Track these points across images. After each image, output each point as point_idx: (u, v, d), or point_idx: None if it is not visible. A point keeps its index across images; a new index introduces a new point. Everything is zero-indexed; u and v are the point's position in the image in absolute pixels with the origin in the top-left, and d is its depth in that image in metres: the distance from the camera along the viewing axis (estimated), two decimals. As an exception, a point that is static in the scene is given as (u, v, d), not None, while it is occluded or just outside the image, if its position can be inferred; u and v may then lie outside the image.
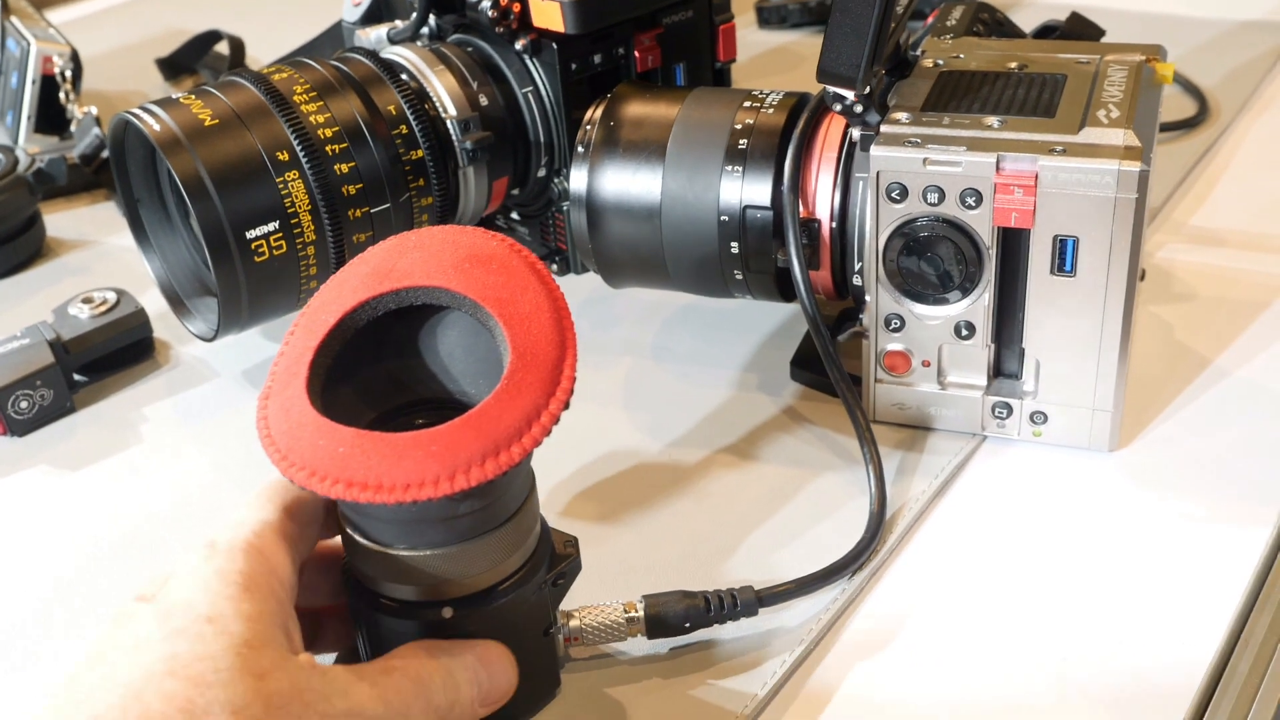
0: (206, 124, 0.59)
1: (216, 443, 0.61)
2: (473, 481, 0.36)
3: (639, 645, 0.47)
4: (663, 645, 0.47)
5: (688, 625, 0.46)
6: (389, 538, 0.39)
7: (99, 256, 0.77)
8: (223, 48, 0.99)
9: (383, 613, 0.41)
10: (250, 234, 0.59)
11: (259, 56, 0.98)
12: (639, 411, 0.60)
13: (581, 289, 0.70)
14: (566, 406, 0.38)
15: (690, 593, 0.47)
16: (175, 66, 1.01)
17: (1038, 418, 0.55)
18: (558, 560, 0.43)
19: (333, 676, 0.37)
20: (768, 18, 1.05)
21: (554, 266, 0.71)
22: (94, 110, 0.87)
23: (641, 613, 0.46)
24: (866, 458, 0.54)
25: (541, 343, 0.39)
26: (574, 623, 0.45)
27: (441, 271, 0.41)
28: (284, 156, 0.60)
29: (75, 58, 0.90)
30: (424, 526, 0.39)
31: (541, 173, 0.68)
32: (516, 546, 0.41)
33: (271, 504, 0.40)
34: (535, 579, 0.42)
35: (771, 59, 0.99)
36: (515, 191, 0.69)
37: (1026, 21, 0.77)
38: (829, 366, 0.55)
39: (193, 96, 0.61)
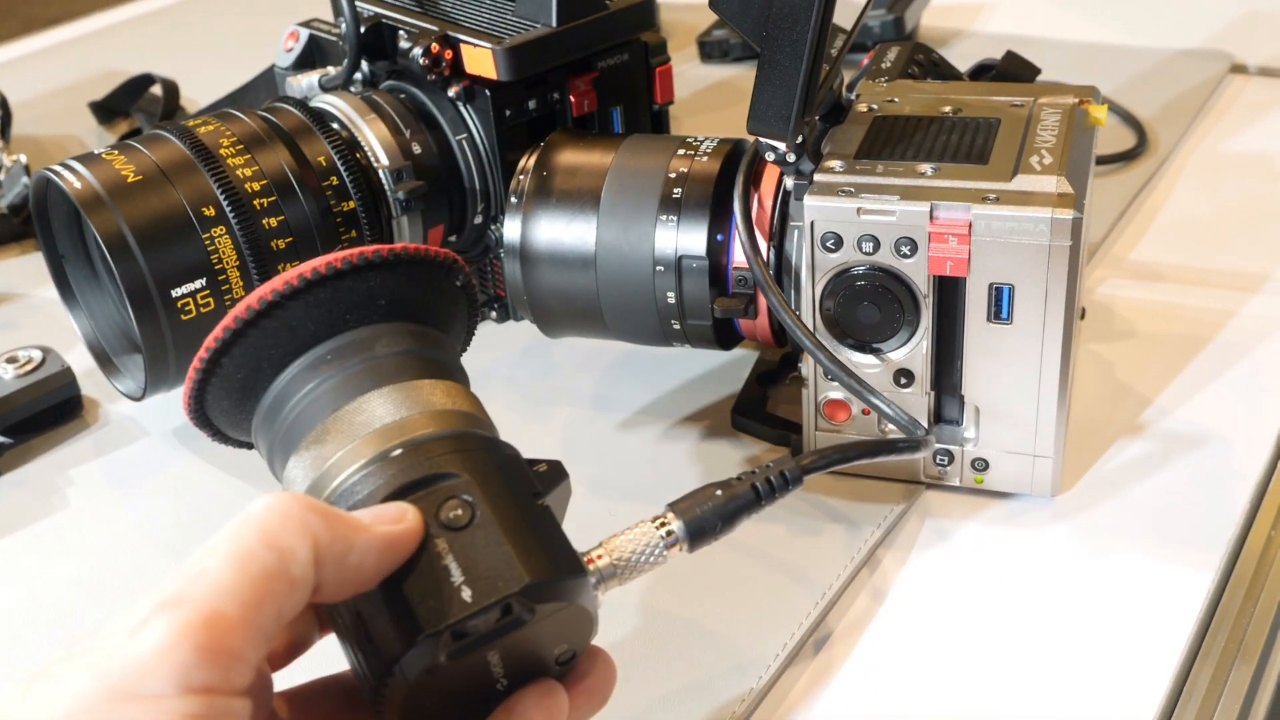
0: (129, 180, 0.58)
1: (145, 505, 0.59)
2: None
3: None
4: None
5: (731, 522, 0.40)
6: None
7: (26, 310, 0.76)
8: (157, 90, 0.98)
9: None
10: (176, 292, 0.57)
11: (194, 98, 0.97)
12: (580, 464, 0.59)
13: (519, 337, 0.69)
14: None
15: (724, 483, 0.40)
16: (109, 110, 0.99)
17: (979, 464, 0.55)
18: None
19: None
20: (710, 52, 1.05)
21: (492, 314, 0.70)
22: (23, 159, 0.85)
23: (678, 524, 0.39)
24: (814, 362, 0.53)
25: None
26: (603, 560, 0.38)
27: None
28: (210, 212, 0.58)
29: (4, 104, 0.88)
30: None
31: (478, 219, 0.67)
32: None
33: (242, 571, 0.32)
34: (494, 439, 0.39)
35: (713, 94, 0.99)
36: (452, 238, 0.68)
37: (964, 54, 0.77)
38: (782, 312, 0.52)
39: (115, 152, 0.59)
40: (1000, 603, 0.50)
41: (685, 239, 0.56)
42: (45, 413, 0.64)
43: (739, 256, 0.56)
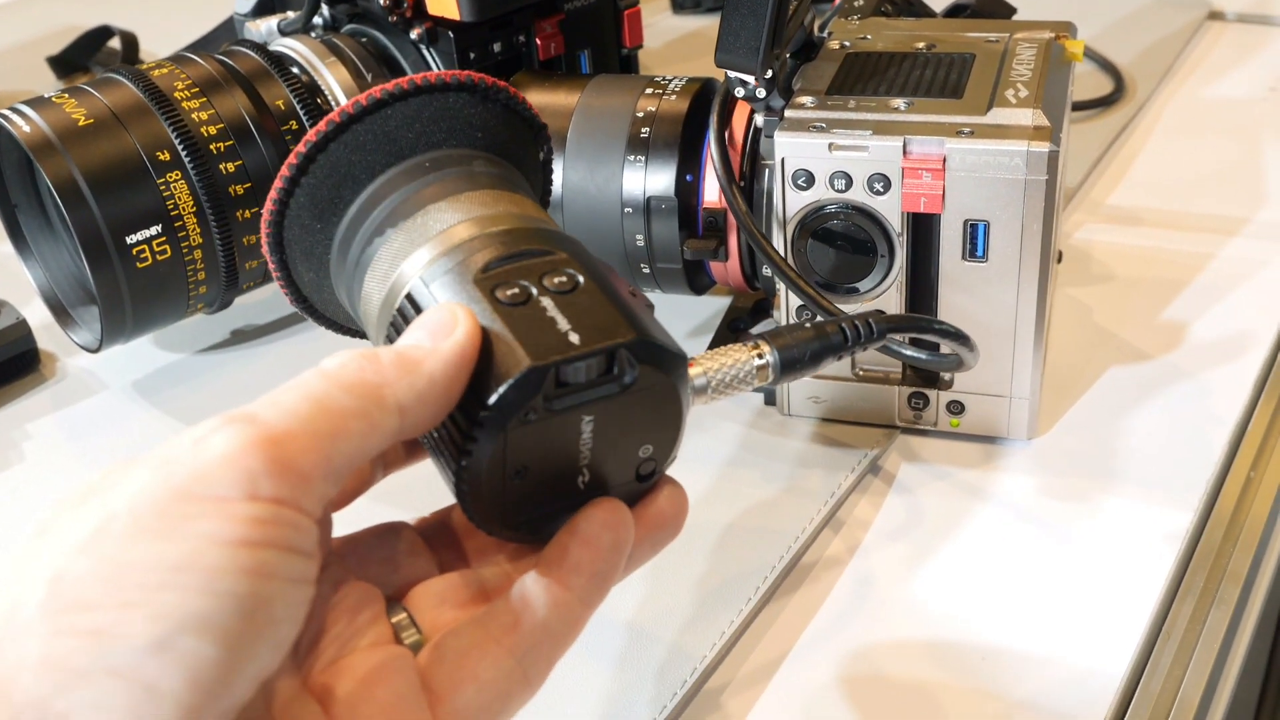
0: (81, 124, 0.56)
1: (104, 460, 0.58)
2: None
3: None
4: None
5: (818, 360, 0.39)
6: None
7: (-18, 265, 0.74)
8: (115, 44, 0.96)
9: None
10: (131, 239, 0.56)
11: (154, 50, 0.95)
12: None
13: (488, 286, 0.68)
14: None
15: (816, 323, 0.40)
16: (67, 64, 0.97)
17: (954, 407, 0.54)
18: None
19: None
20: (681, 2, 1.03)
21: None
22: (-22, 111, 0.83)
23: (771, 353, 0.38)
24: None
25: None
26: (695, 369, 0.36)
27: None
28: (165, 156, 0.57)
29: (-42, 57, 0.86)
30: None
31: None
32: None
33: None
34: None
35: (685, 44, 0.97)
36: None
37: (937, 1, 0.76)
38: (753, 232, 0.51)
39: (66, 95, 0.58)
40: (977, 545, 0.49)
41: (654, 180, 0.55)
42: (0, 366, 0.62)
43: (709, 197, 0.55)
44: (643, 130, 0.56)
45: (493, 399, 0.30)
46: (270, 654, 0.27)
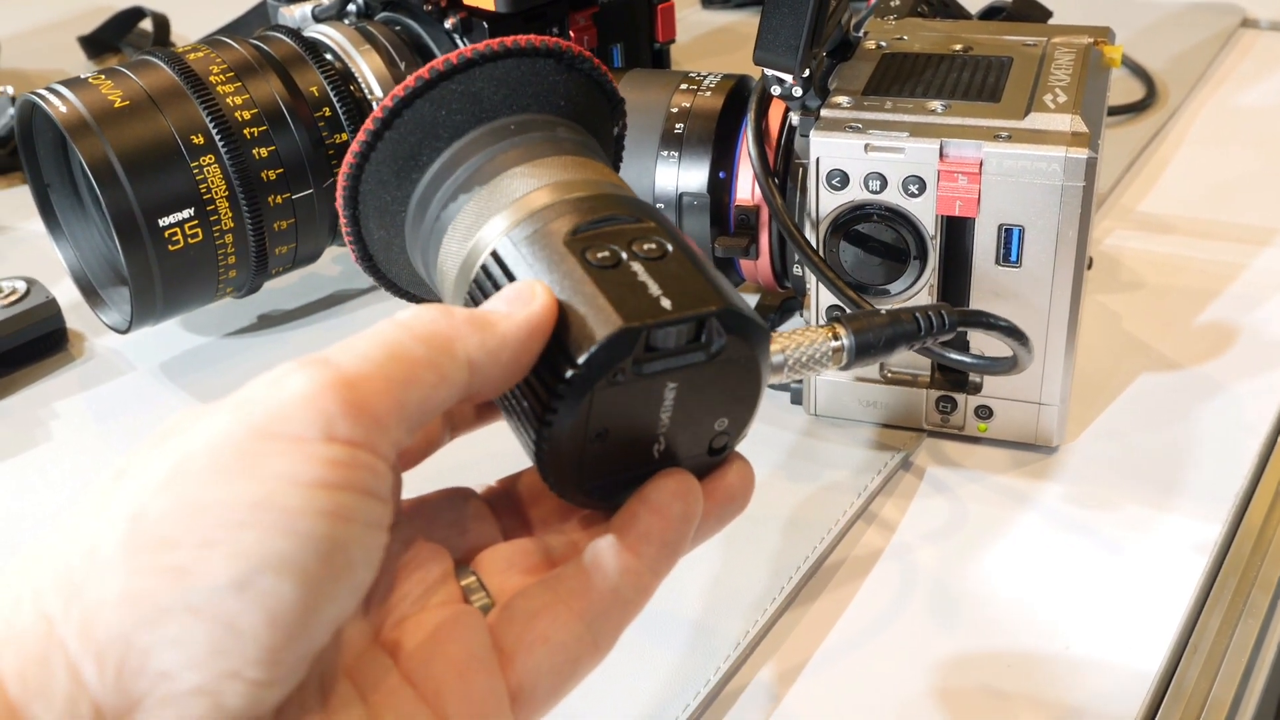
0: (117, 106, 0.56)
1: (130, 440, 0.58)
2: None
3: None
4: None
5: (891, 347, 0.39)
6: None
7: (12, 243, 0.74)
8: (147, 25, 0.96)
9: None
10: (164, 221, 0.56)
11: (184, 33, 0.95)
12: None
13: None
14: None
15: (891, 311, 0.39)
16: (98, 44, 0.97)
17: (983, 412, 0.54)
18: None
19: None
20: (712, -3, 1.03)
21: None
22: (10, 90, 0.83)
23: (848, 337, 0.38)
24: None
25: None
26: (774, 345, 0.36)
27: None
28: (199, 140, 0.57)
29: (-9, 35, 0.86)
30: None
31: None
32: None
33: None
34: None
35: (715, 39, 0.97)
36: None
37: (972, 2, 0.75)
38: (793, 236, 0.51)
39: (103, 77, 0.58)
40: (1002, 552, 0.49)
41: (686, 176, 0.55)
42: (29, 345, 0.63)
43: (742, 194, 0.55)
44: (677, 126, 0.55)
45: (583, 358, 0.30)
46: (347, 598, 0.27)
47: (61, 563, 0.26)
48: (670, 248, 0.33)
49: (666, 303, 0.31)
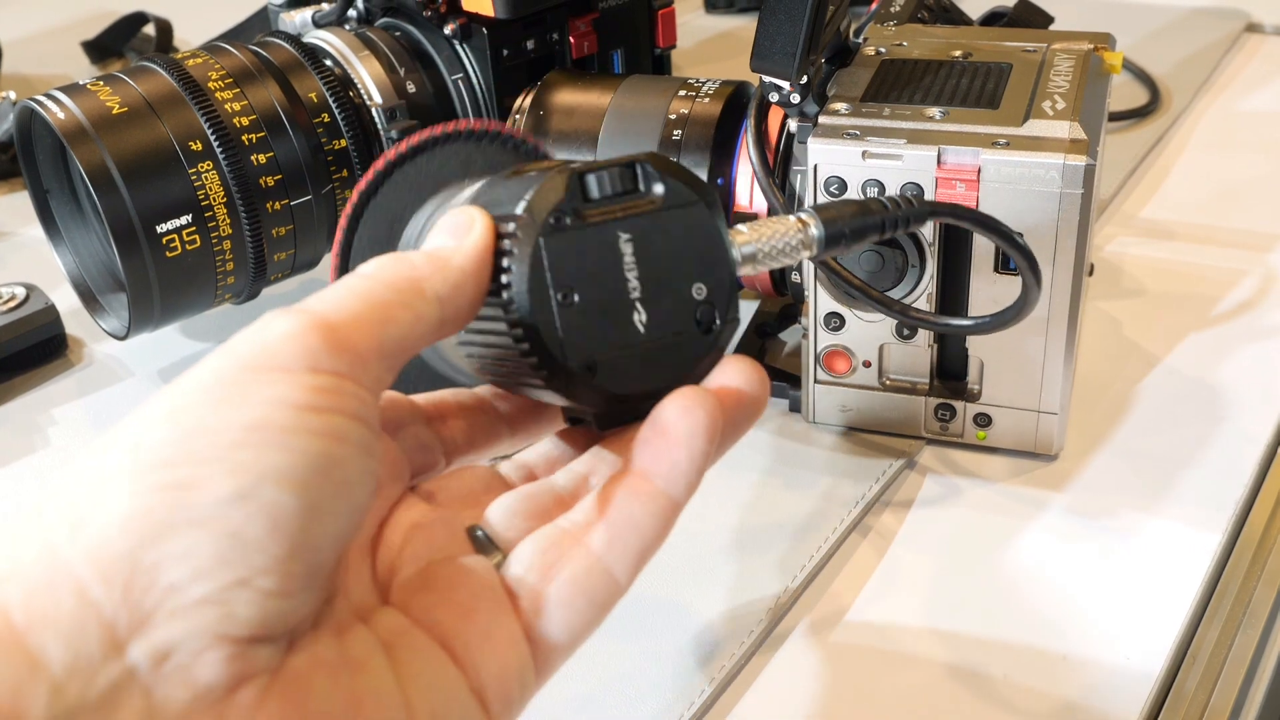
0: (115, 112, 0.56)
1: (128, 447, 0.58)
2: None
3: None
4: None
5: (860, 237, 0.37)
6: None
7: (13, 249, 0.74)
8: (150, 30, 0.96)
9: None
10: (161, 228, 0.56)
11: (187, 39, 0.95)
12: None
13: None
14: None
15: (860, 200, 0.38)
16: (102, 49, 0.97)
17: (981, 420, 0.53)
18: None
19: None
20: (715, 2, 1.03)
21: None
22: (12, 95, 0.84)
23: (816, 225, 0.36)
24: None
25: None
26: (742, 237, 0.35)
27: None
28: (197, 146, 0.57)
29: (-7, 40, 0.86)
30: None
31: (473, 163, 0.66)
32: None
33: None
34: None
35: (717, 45, 0.97)
36: (446, 182, 0.67)
37: (974, 7, 0.75)
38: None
39: (101, 83, 0.58)
40: (1001, 562, 0.49)
41: (685, 183, 0.55)
42: (28, 351, 0.63)
43: (739, 201, 0.55)
44: (675, 132, 0.55)
45: (521, 205, 0.31)
46: (347, 516, 0.28)
47: (65, 499, 0.27)
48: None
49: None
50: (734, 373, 0.33)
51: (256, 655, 0.27)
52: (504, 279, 0.31)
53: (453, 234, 0.32)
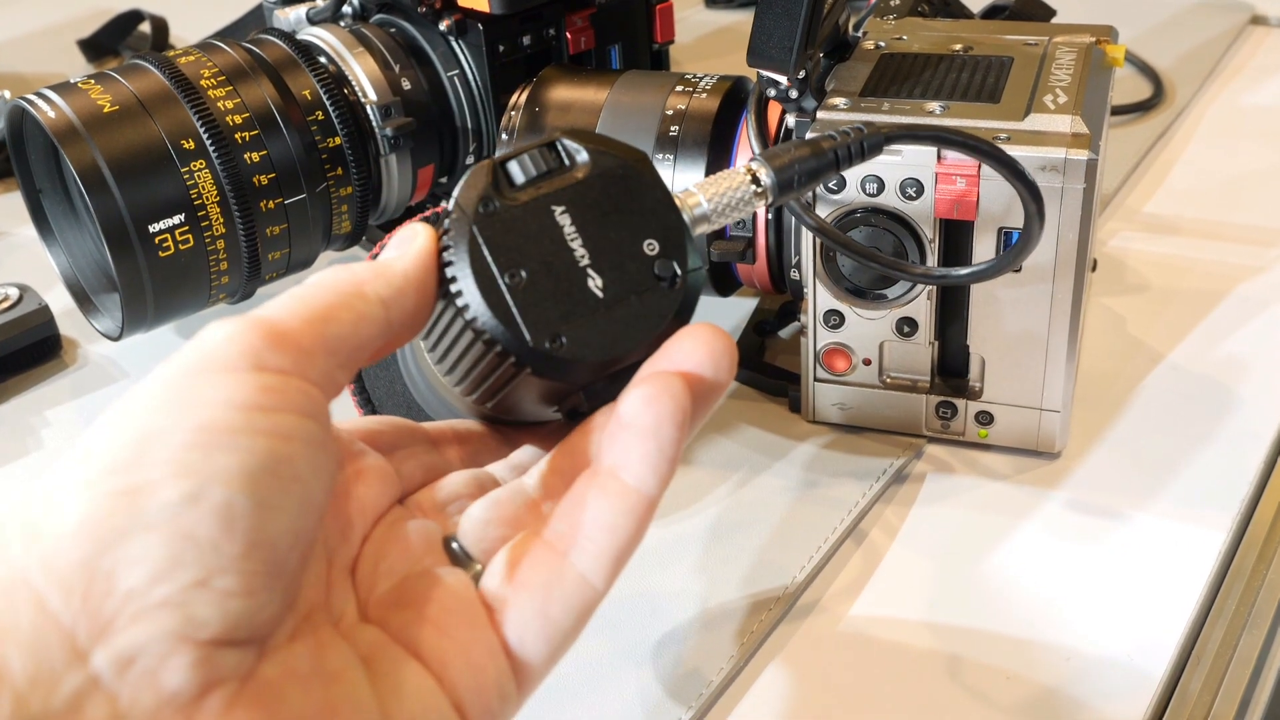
0: (106, 111, 0.56)
1: (122, 448, 0.57)
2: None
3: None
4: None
5: (814, 178, 0.37)
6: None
7: (7, 249, 0.74)
8: (146, 28, 0.96)
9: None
10: (154, 227, 0.55)
11: (183, 36, 0.95)
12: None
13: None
14: None
15: (810, 140, 0.37)
16: (97, 47, 0.97)
17: (983, 418, 0.53)
18: None
19: None
20: (714, -3, 1.02)
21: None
22: (7, 94, 0.83)
23: (767, 173, 0.36)
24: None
25: None
26: (693, 199, 0.35)
27: None
28: (190, 145, 0.56)
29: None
30: None
31: (470, 160, 0.65)
32: None
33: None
34: None
35: (717, 39, 0.96)
36: (443, 180, 0.66)
37: (975, 0, 0.75)
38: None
39: (92, 82, 0.57)
40: (1002, 561, 0.48)
41: (682, 178, 0.54)
42: (22, 352, 0.62)
43: (738, 198, 0.54)
44: (672, 128, 0.55)
45: (450, 204, 0.32)
46: (300, 511, 0.28)
47: (20, 514, 0.27)
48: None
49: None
50: (695, 345, 0.31)
51: (224, 660, 0.27)
52: (449, 273, 0.32)
53: (396, 246, 0.33)
